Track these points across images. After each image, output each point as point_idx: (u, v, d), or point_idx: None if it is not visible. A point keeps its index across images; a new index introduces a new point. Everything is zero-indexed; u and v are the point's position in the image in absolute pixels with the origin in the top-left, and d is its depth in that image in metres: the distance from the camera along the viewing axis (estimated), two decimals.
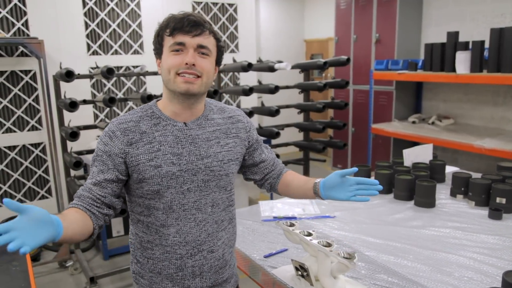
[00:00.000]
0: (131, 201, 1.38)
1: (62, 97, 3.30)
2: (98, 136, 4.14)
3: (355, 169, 1.32)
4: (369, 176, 2.69)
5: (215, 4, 4.75)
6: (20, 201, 3.97)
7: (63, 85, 3.49)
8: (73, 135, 2.95)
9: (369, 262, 1.73)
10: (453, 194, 2.48)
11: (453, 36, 4.01)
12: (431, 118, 4.89)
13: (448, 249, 1.83)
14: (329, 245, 1.48)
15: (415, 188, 2.37)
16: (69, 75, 2.88)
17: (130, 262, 1.46)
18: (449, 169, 2.96)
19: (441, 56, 4.16)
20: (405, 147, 5.22)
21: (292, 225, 1.65)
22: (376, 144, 5.41)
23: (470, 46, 3.88)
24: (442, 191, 2.56)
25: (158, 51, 1.31)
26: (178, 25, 1.24)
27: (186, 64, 1.23)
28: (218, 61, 1.36)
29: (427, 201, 2.32)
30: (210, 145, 1.34)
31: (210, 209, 1.35)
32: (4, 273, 1.79)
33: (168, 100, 1.33)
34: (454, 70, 3.98)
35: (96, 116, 4.23)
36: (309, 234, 1.57)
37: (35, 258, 3.71)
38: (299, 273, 1.58)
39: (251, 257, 1.83)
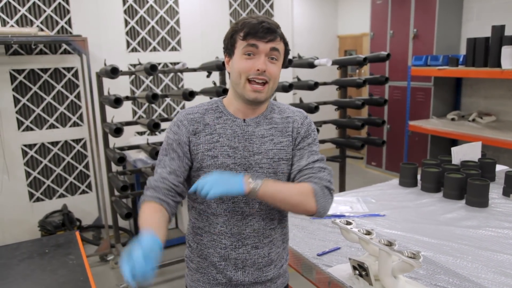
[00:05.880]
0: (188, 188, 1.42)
1: (106, 93, 3.35)
2: (137, 133, 4.21)
3: None
4: (415, 175, 2.63)
5: (251, 0, 4.74)
6: (62, 195, 4.08)
7: (105, 81, 3.54)
8: (118, 131, 2.99)
9: (426, 263, 1.68)
10: (506, 193, 2.40)
11: (498, 30, 3.88)
12: (471, 115, 4.75)
13: (509, 250, 1.77)
14: (390, 244, 1.45)
15: (467, 187, 2.30)
16: (114, 72, 2.92)
17: (186, 247, 1.54)
18: (497, 168, 2.86)
19: (484, 51, 4.04)
20: (443, 144, 5.16)
21: (349, 223, 1.62)
22: (412, 141, 5.31)
23: None
24: (494, 190, 2.47)
25: (229, 52, 1.35)
26: (252, 30, 1.27)
27: (258, 70, 1.27)
28: (283, 64, 1.39)
29: (480, 200, 2.25)
30: (263, 141, 1.36)
31: (257, 205, 1.37)
32: (62, 267, 1.83)
33: (234, 99, 1.38)
34: (499, 65, 3.86)
35: (134, 112, 4.29)
36: (368, 233, 1.54)
37: None
38: (357, 272, 1.56)
39: (303, 255, 1.81)
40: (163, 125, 3.33)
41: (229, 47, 1.34)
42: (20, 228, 3.87)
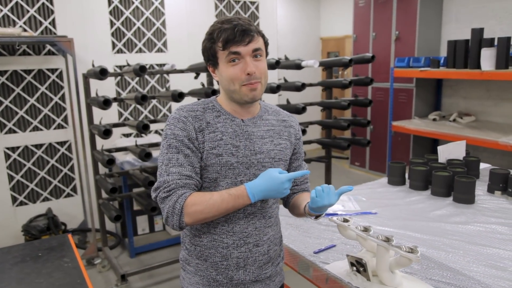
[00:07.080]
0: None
1: (93, 95, 3.31)
2: (123, 135, 4.16)
3: (351, 187, 1.34)
4: (403, 173, 2.69)
5: (237, 2, 4.76)
6: (46, 199, 4.01)
7: (92, 83, 3.50)
8: (106, 132, 2.96)
9: (421, 258, 1.73)
10: (490, 190, 2.48)
11: (477, 32, 4.00)
12: (452, 116, 4.88)
13: (497, 244, 1.83)
14: (388, 239, 1.49)
15: (454, 184, 2.37)
16: (103, 73, 2.89)
17: (181, 249, 1.51)
18: (481, 166, 2.95)
19: (465, 53, 4.15)
20: (426, 144, 5.28)
21: (346, 220, 1.66)
22: (395, 141, 5.41)
23: (496, 43, 3.87)
24: (479, 188, 2.56)
25: (213, 63, 1.34)
26: (230, 37, 1.26)
27: (248, 74, 1.28)
28: (266, 54, 1.40)
29: (467, 197, 2.32)
30: (264, 142, 1.39)
31: (259, 203, 1.39)
32: (58, 270, 1.81)
33: (228, 101, 1.39)
34: (478, 67, 3.97)
35: (120, 115, 4.25)
36: (366, 230, 1.58)
37: None
38: (355, 268, 1.59)
39: (300, 253, 1.83)
40: (151, 126, 3.31)
41: (210, 58, 1.34)
42: (3, 233, 3.78)
